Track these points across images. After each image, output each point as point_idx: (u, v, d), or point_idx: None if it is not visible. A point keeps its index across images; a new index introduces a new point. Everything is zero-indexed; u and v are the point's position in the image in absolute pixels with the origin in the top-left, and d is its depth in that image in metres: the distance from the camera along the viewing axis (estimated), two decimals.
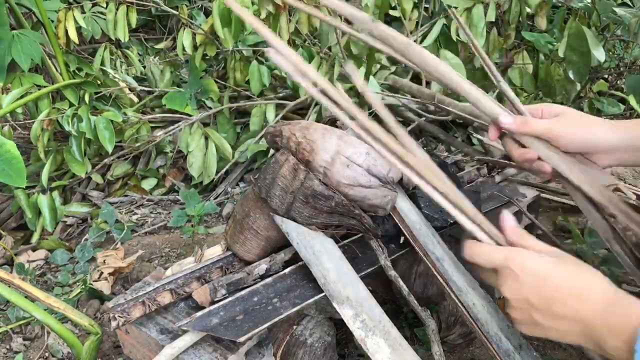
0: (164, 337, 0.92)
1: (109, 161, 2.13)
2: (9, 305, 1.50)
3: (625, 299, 0.59)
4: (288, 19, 1.88)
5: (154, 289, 0.97)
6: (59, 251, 1.78)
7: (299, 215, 0.96)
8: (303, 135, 0.96)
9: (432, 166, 0.70)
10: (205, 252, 1.09)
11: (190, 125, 2.08)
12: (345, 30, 0.77)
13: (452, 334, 1.27)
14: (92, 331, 1.13)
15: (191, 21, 2.23)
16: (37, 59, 1.93)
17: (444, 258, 1.03)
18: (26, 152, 2.23)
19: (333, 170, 0.93)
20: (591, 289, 0.61)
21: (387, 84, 2.17)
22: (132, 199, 2.11)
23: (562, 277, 0.62)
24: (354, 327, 0.88)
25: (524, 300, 0.64)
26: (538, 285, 0.63)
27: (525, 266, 0.64)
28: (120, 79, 2.31)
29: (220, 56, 2.40)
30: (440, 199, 0.70)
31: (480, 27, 1.98)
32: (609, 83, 2.56)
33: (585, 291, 0.61)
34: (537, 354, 0.97)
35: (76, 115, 1.93)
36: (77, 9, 2.09)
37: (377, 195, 0.95)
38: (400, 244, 1.07)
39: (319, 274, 0.94)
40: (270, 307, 0.91)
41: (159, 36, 3.18)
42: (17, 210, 2.00)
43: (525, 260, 0.65)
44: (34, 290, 1.11)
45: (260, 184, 1.00)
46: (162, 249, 1.77)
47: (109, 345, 1.34)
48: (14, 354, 1.35)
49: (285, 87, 2.33)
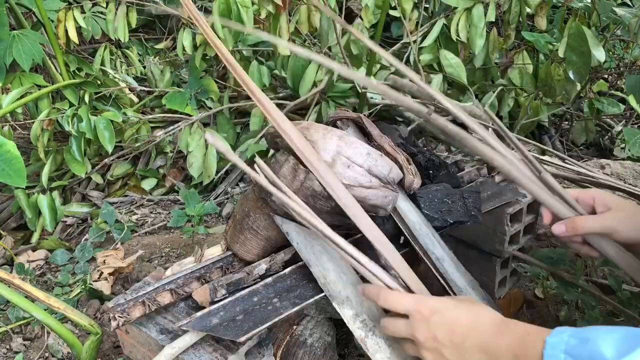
0: (164, 337, 0.92)
1: (109, 161, 2.13)
2: (9, 305, 1.50)
3: (509, 321, 0.69)
4: (288, 19, 1.88)
5: (154, 289, 0.97)
6: (59, 251, 1.78)
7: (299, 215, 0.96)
8: (303, 135, 0.96)
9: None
10: (205, 252, 1.09)
11: (190, 125, 2.08)
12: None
13: None
14: (92, 331, 1.13)
15: (191, 21, 2.23)
16: (38, 59, 1.93)
17: (444, 258, 1.03)
18: (26, 152, 2.23)
19: (334, 171, 0.93)
20: (481, 319, 0.70)
21: (387, 84, 2.17)
22: (132, 199, 2.11)
23: (459, 313, 0.71)
24: (354, 327, 0.88)
25: (432, 338, 0.71)
26: (444, 322, 0.71)
27: (432, 307, 0.73)
28: (120, 79, 2.31)
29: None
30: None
31: (480, 27, 1.98)
32: (609, 83, 2.56)
33: (477, 322, 0.70)
34: None
35: (76, 115, 1.93)
36: (77, 9, 2.09)
37: (378, 195, 0.95)
38: (400, 244, 1.07)
39: (319, 274, 0.94)
40: (270, 307, 0.91)
41: (159, 36, 3.18)
42: (17, 210, 2.00)
43: (432, 303, 0.74)
44: (34, 290, 1.11)
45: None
46: (162, 249, 1.77)
47: (109, 345, 1.34)
48: (14, 354, 1.35)
49: (285, 87, 2.33)
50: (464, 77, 2.10)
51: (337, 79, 2.09)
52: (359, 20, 1.93)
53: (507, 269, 1.38)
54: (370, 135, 1.07)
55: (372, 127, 1.09)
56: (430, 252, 1.02)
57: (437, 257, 1.02)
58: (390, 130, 1.15)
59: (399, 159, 1.02)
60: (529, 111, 2.14)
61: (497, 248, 1.31)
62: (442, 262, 1.02)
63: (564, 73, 1.96)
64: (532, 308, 1.38)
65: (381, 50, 0.76)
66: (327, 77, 2.07)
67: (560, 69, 1.98)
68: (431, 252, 1.02)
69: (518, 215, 1.29)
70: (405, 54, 2.32)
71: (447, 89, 2.20)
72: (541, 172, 0.83)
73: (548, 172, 0.82)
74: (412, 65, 2.20)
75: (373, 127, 1.09)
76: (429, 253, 1.02)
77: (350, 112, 1.11)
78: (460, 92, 2.20)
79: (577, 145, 2.41)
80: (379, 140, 1.06)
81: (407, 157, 1.05)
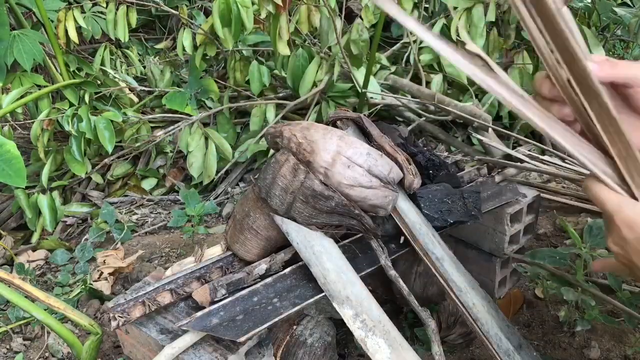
0: (164, 337, 0.92)
1: (109, 161, 2.13)
2: (9, 305, 1.50)
3: None
4: (288, 18, 1.88)
5: (154, 289, 0.97)
6: (59, 251, 1.78)
7: (299, 215, 0.96)
8: (304, 135, 0.96)
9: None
10: (205, 252, 1.09)
11: (190, 125, 2.08)
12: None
13: (452, 334, 1.27)
14: (92, 331, 1.13)
15: (191, 21, 2.23)
16: (39, 59, 1.93)
17: (444, 258, 1.03)
18: (26, 152, 2.23)
19: (334, 171, 0.93)
20: None
21: (388, 83, 2.17)
22: (132, 199, 2.11)
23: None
24: (354, 327, 0.88)
25: (627, 259, 0.60)
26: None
27: (634, 222, 0.58)
28: (120, 79, 2.31)
29: (220, 56, 2.40)
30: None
31: (480, 27, 1.98)
32: None
33: None
34: (537, 354, 0.97)
35: (76, 115, 1.93)
36: (77, 9, 2.09)
37: (378, 195, 0.95)
38: (400, 244, 1.07)
39: (319, 274, 0.94)
40: (270, 307, 0.91)
41: (159, 36, 3.18)
42: (17, 210, 2.00)
43: (634, 216, 0.58)
44: (34, 290, 1.11)
45: (260, 184, 1.00)
46: (162, 249, 1.77)
47: (109, 345, 1.34)
48: (14, 354, 1.35)
49: (285, 87, 2.33)
50: (464, 76, 2.10)
51: (337, 79, 2.09)
52: (359, 20, 1.93)
53: (507, 269, 1.38)
54: (370, 135, 1.07)
55: (372, 127, 1.09)
56: (430, 252, 1.02)
57: (437, 257, 1.02)
58: (390, 130, 1.15)
59: (399, 159, 1.02)
60: None
61: (497, 248, 1.31)
62: (442, 262, 1.02)
63: None
64: (532, 308, 1.38)
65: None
66: (327, 77, 2.07)
67: None
68: (431, 252, 1.02)
69: (518, 215, 1.29)
70: (405, 53, 2.32)
71: (447, 89, 2.20)
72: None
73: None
74: (412, 65, 2.20)
75: (373, 127, 1.09)
76: (429, 253, 1.02)
77: (350, 112, 1.11)
78: (460, 91, 2.20)
79: None
80: (379, 140, 1.06)
81: (407, 157, 1.05)
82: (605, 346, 1.23)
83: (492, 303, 1.01)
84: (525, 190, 1.34)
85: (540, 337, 1.29)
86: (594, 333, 1.26)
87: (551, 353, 1.24)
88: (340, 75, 2.11)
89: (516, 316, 1.36)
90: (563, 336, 1.28)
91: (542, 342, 1.27)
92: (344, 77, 2.17)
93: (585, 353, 1.22)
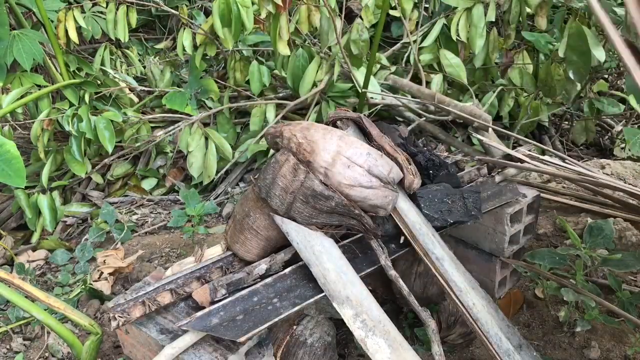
0: (164, 337, 0.92)
1: (109, 161, 2.13)
2: (9, 305, 1.50)
3: None
4: (288, 18, 1.88)
5: (154, 289, 0.97)
6: (59, 251, 1.78)
7: (299, 215, 0.96)
8: (304, 135, 0.96)
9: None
10: (205, 252, 1.09)
11: (190, 125, 2.08)
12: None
13: (452, 334, 1.27)
14: (92, 331, 1.13)
15: (191, 21, 2.23)
16: (39, 58, 1.93)
17: (444, 258, 1.03)
18: (26, 152, 2.23)
19: (334, 171, 0.93)
20: None
21: (388, 83, 2.17)
22: (132, 199, 2.11)
23: None
24: (354, 327, 0.88)
25: None
26: None
27: None
28: (120, 79, 2.31)
29: (220, 56, 2.41)
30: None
31: (480, 27, 1.98)
32: (609, 83, 2.56)
33: None
34: (537, 354, 0.97)
35: (76, 115, 1.93)
36: (77, 9, 2.09)
37: (378, 195, 0.95)
38: (400, 244, 1.07)
39: (319, 274, 0.94)
40: (270, 307, 0.91)
41: (159, 36, 3.18)
42: (17, 210, 2.00)
43: None
44: (34, 290, 1.11)
45: (260, 184, 1.00)
46: (162, 249, 1.77)
47: (109, 345, 1.34)
48: (14, 354, 1.35)
49: (285, 87, 2.33)
50: (464, 77, 2.10)
51: (337, 79, 2.09)
52: (359, 20, 1.93)
53: (507, 269, 1.38)
54: (370, 135, 1.07)
55: (372, 127, 1.09)
56: (430, 252, 1.02)
57: (437, 257, 1.02)
58: (390, 130, 1.15)
59: (399, 159, 1.02)
60: (529, 111, 2.14)
61: (497, 248, 1.31)
62: (442, 262, 1.02)
63: (564, 73, 1.96)
64: (532, 308, 1.38)
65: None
66: (327, 77, 2.07)
67: (560, 68, 1.98)
68: (431, 252, 1.02)
69: (518, 215, 1.29)
70: (405, 53, 2.32)
71: (447, 89, 2.20)
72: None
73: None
74: (412, 65, 2.20)
75: (373, 127, 1.09)
76: (429, 253, 1.02)
77: (350, 112, 1.11)
78: (460, 91, 2.20)
79: (577, 145, 2.41)
80: (379, 140, 1.06)
81: (407, 157, 1.05)
82: (605, 346, 1.23)
83: (492, 303, 1.01)
84: (525, 190, 1.34)
85: (540, 337, 1.29)
86: (594, 333, 1.26)
87: (551, 353, 1.24)
88: (340, 75, 2.11)
89: (516, 316, 1.36)
90: (563, 336, 1.28)
91: (542, 342, 1.27)
92: (344, 77, 2.17)
93: (585, 353, 1.22)
